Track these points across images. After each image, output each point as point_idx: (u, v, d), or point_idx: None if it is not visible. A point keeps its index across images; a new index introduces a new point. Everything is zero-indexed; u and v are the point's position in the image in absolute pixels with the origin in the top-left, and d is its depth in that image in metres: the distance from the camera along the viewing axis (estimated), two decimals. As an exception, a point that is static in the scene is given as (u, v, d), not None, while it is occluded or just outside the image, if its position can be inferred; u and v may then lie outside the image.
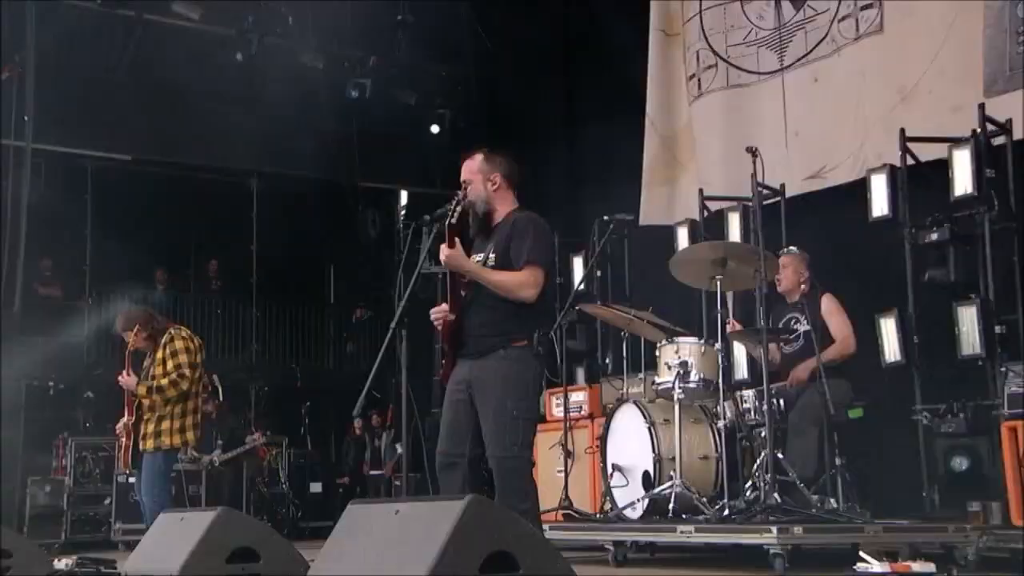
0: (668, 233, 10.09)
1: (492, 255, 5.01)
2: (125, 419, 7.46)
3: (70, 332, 14.60)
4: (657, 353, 7.43)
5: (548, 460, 8.81)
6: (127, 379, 7.37)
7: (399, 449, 13.65)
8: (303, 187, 16.26)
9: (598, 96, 12.13)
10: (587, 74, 12.73)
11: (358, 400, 5.08)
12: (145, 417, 7.41)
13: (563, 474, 8.37)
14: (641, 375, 8.55)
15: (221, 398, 12.88)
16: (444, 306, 4.97)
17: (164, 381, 7.29)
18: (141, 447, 7.38)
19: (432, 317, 5.03)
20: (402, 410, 4.97)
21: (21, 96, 11.80)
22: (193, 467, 11.55)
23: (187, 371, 7.33)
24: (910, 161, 8.20)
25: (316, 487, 14.59)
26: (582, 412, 9.24)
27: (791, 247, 7.75)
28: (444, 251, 4.85)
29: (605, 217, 8.92)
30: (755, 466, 6.81)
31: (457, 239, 4.87)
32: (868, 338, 7.76)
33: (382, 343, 4.78)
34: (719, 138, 10.55)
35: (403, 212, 16.23)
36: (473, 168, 5.13)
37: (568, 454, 8.50)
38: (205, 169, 15.52)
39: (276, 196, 16.18)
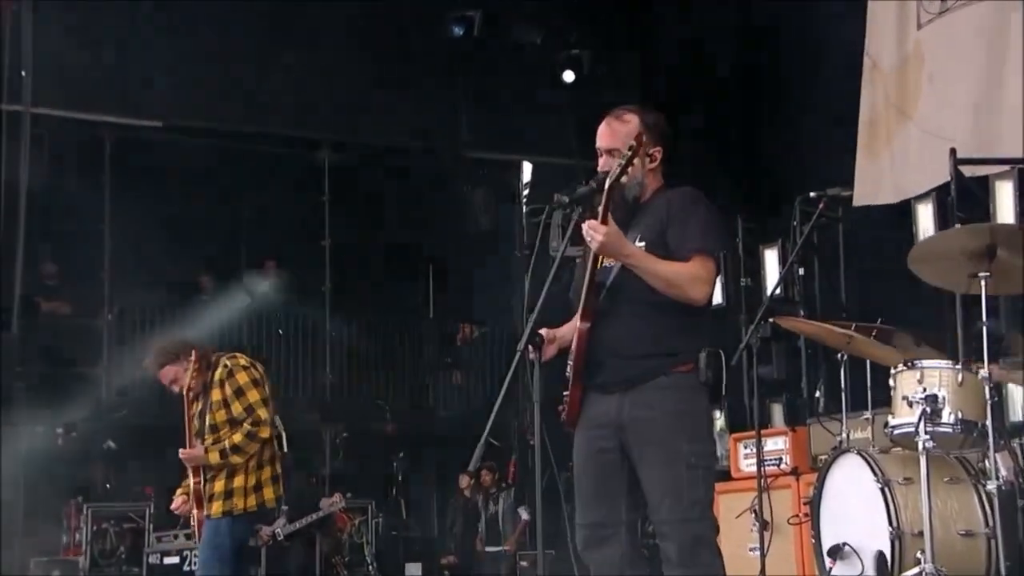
0: (902, 213, 9.83)
1: (640, 244, 5.02)
2: (192, 482, 7.63)
3: (84, 361, 14.82)
4: (892, 383, 7.18)
5: (737, 532, 8.75)
6: (192, 453, 7.60)
7: (524, 515, 13.63)
8: (391, 161, 16.32)
9: (799, 27, 11.85)
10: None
11: (475, 450, 5.09)
12: (211, 474, 7.59)
13: (758, 552, 8.30)
14: (867, 414, 8.32)
15: (285, 448, 12.88)
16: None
17: (238, 438, 7.56)
18: (204, 512, 7.62)
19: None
20: (535, 461, 4.98)
21: (17, 44, 11.95)
22: (251, 542, 11.57)
23: (261, 412, 7.57)
24: None
25: (414, 569, 14.72)
26: (783, 466, 9.18)
27: None
28: (595, 228, 4.76)
29: (812, 194, 8.81)
30: (1049, 548, 6.59)
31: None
32: None
33: (504, 372, 4.84)
34: (965, 74, 10.25)
35: (526, 192, 16.24)
36: (626, 135, 5.02)
37: (765, 525, 8.42)
38: (260, 138, 15.67)
39: (355, 173, 16.28)
